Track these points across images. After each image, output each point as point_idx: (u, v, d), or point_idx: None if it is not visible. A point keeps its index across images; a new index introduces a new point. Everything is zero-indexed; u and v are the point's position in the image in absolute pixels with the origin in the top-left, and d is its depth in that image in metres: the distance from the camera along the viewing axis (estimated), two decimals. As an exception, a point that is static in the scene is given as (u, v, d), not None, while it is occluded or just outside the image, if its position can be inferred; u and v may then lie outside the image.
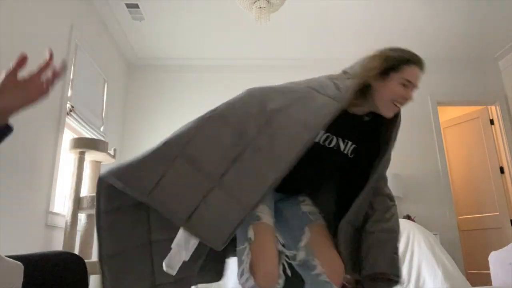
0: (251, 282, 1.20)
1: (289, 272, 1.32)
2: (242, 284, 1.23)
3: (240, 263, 1.27)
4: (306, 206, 1.50)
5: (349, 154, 1.48)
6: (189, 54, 4.44)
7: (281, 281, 1.29)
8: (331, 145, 1.44)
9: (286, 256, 1.35)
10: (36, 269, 1.17)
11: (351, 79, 1.39)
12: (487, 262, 2.04)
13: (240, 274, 1.24)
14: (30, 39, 2.44)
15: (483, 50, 4.49)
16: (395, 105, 1.39)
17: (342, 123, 1.38)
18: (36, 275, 1.15)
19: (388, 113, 1.40)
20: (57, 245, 2.66)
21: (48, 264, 1.22)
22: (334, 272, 1.33)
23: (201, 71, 4.60)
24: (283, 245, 1.37)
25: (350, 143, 1.47)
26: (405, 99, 1.38)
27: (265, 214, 1.34)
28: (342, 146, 1.45)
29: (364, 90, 1.40)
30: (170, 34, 4.03)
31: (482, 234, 4.41)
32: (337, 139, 1.44)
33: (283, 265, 1.32)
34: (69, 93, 2.97)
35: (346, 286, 1.45)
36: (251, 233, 1.27)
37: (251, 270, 1.22)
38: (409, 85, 1.37)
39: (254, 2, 2.97)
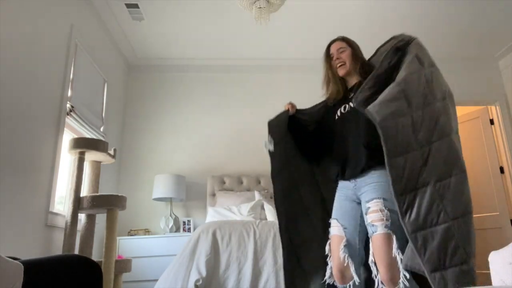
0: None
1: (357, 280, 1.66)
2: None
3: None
4: (370, 215, 1.62)
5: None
6: (189, 54, 4.44)
7: (351, 283, 1.66)
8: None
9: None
10: (50, 272, 1.16)
11: None
12: (487, 262, 2.03)
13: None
14: (30, 39, 2.44)
15: (483, 50, 4.49)
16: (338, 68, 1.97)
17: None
18: (50, 278, 1.15)
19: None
20: (57, 245, 2.66)
21: (62, 267, 1.21)
22: (386, 278, 1.55)
23: (201, 71, 4.60)
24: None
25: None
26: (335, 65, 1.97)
27: (334, 227, 1.76)
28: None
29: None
30: (170, 34, 4.03)
31: (482, 234, 4.41)
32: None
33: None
34: (69, 93, 2.97)
35: None
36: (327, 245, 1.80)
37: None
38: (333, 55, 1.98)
39: (254, 2, 2.96)
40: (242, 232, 2.61)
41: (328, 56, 2.02)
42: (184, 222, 4.01)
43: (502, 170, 4.39)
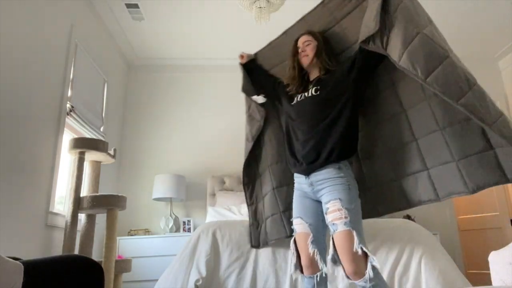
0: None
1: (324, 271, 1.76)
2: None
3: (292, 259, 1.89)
4: (330, 215, 1.71)
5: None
6: (189, 54, 4.44)
7: (318, 274, 1.76)
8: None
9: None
10: (50, 272, 1.16)
11: None
12: (487, 262, 2.03)
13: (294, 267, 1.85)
14: (30, 39, 2.44)
15: (483, 50, 4.49)
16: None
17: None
18: (51, 279, 1.15)
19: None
20: (57, 245, 2.67)
21: (64, 268, 1.21)
22: (351, 270, 1.63)
23: (201, 71, 4.60)
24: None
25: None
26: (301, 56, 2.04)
27: (299, 225, 1.84)
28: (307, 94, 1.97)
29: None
30: (170, 34, 4.03)
31: (482, 234, 4.41)
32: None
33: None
34: (69, 93, 2.97)
35: None
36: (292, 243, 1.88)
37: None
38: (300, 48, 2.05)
39: (254, 2, 2.97)
40: (242, 232, 2.60)
41: (296, 49, 2.09)
42: (184, 222, 4.01)
43: (502, 170, 4.38)
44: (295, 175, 1.95)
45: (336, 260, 1.71)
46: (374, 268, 1.59)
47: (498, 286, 1.81)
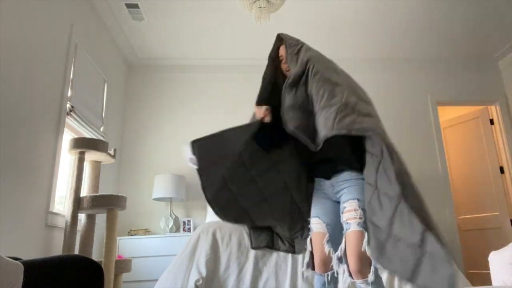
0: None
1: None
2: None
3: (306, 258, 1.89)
4: (345, 214, 1.73)
5: None
6: (189, 54, 4.44)
7: (330, 273, 1.77)
8: None
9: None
10: (51, 273, 1.16)
11: None
12: (487, 262, 2.04)
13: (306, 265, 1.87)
14: (30, 39, 2.44)
15: (483, 50, 4.49)
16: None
17: None
18: (51, 279, 1.15)
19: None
20: (57, 245, 2.66)
21: (64, 268, 1.21)
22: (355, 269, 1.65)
23: (201, 71, 4.60)
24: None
25: None
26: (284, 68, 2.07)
27: (316, 224, 1.85)
28: None
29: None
30: (170, 34, 4.03)
31: (482, 234, 4.41)
32: None
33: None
34: (69, 93, 2.97)
35: None
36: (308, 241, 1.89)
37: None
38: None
39: (254, 2, 2.97)
40: (242, 232, 2.61)
41: (277, 57, 2.09)
42: (184, 222, 4.01)
43: (502, 170, 4.39)
44: (316, 178, 1.98)
45: (342, 260, 1.73)
46: (376, 273, 1.62)
47: (498, 286, 1.81)
